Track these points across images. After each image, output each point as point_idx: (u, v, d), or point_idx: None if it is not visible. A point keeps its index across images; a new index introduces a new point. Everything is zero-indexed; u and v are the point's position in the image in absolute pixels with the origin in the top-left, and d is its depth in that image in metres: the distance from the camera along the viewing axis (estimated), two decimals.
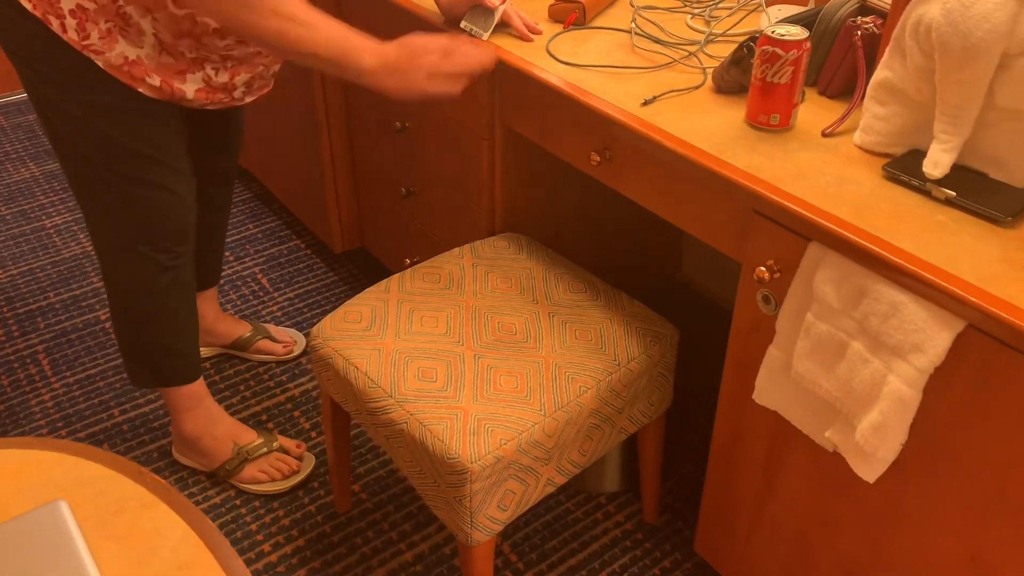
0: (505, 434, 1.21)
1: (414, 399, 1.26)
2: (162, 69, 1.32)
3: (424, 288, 1.46)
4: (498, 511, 1.26)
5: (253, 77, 1.43)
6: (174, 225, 1.48)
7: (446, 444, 1.20)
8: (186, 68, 1.34)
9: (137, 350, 1.59)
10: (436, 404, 1.25)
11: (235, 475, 1.68)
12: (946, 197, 1.03)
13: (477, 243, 1.57)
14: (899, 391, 0.96)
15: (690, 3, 1.59)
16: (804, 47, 1.13)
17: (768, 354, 1.14)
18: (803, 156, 1.14)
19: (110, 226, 1.47)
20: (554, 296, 1.45)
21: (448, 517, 1.26)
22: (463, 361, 1.31)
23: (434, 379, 1.29)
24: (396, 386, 1.28)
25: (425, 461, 1.24)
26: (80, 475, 0.97)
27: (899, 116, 1.10)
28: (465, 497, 1.21)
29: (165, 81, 1.33)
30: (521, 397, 1.26)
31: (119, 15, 1.26)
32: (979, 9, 0.94)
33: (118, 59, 1.29)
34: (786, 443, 1.21)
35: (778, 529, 1.28)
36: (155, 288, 1.52)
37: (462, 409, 1.24)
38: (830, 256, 1.01)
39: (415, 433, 1.23)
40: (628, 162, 1.29)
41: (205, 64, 1.35)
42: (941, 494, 1.02)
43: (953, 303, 0.91)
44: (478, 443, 1.19)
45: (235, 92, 1.43)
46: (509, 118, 1.50)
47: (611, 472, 1.69)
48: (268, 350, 1.99)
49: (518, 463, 1.24)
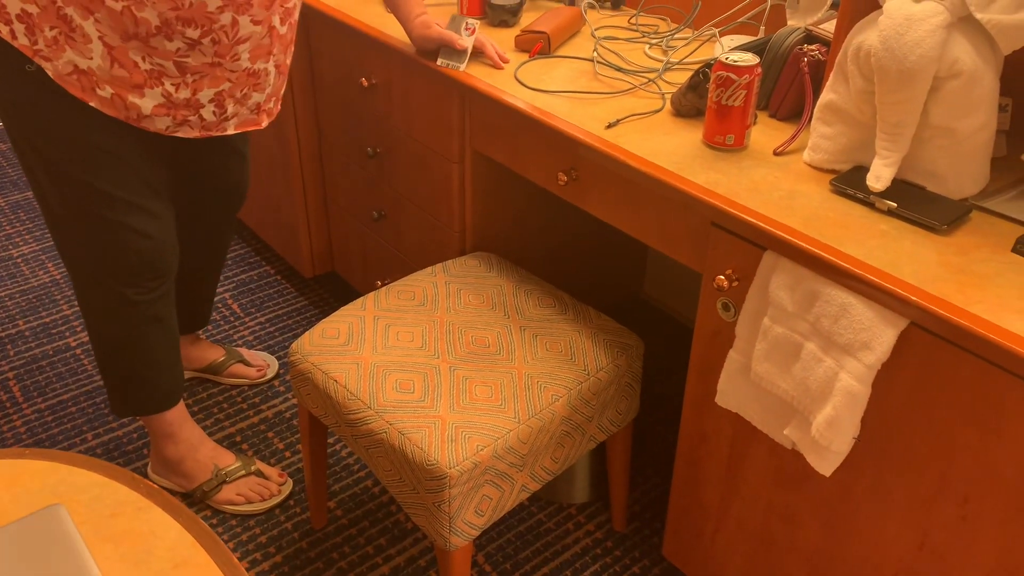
0: (482, 440, 1.26)
1: (393, 409, 1.31)
2: (115, 82, 1.28)
3: (399, 304, 1.51)
4: (475, 516, 1.31)
5: (220, 95, 1.37)
6: (142, 265, 1.46)
7: (425, 451, 1.24)
8: (142, 81, 1.29)
9: (112, 378, 1.60)
10: (414, 414, 1.30)
11: (212, 496, 1.71)
12: (888, 208, 1.12)
13: (449, 262, 1.63)
14: (850, 387, 1.03)
15: (648, 35, 1.68)
16: (755, 72, 1.22)
17: (729, 358, 1.21)
18: (757, 173, 1.22)
19: (76, 257, 1.46)
20: (524, 311, 1.51)
21: (427, 523, 1.30)
22: (439, 373, 1.37)
23: (412, 390, 1.34)
24: (375, 398, 1.33)
25: (405, 469, 1.28)
26: (75, 482, 1.00)
27: (844, 135, 1.19)
28: (444, 502, 1.25)
29: (118, 94, 1.29)
30: (496, 406, 1.31)
31: (61, 19, 1.22)
32: (912, 36, 1.04)
33: (67, 67, 1.26)
34: (747, 443, 1.28)
35: (742, 527, 1.35)
36: (127, 321, 1.51)
37: (440, 418, 1.29)
38: (783, 263, 1.09)
39: (395, 442, 1.28)
40: (594, 181, 1.37)
41: (163, 78, 1.30)
42: (890, 484, 1.10)
43: (896, 303, 0.99)
44: (456, 449, 1.24)
45: (203, 111, 1.37)
46: (478, 142, 1.57)
47: (581, 483, 1.75)
48: (242, 374, 2.02)
49: (494, 468, 1.29)
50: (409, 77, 1.65)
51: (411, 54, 1.59)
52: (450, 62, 1.52)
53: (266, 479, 1.74)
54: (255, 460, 1.76)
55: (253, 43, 1.34)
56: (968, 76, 1.06)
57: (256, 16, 1.30)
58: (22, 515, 0.95)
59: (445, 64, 1.52)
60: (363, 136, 1.87)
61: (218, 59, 1.32)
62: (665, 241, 1.29)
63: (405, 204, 1.82)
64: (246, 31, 1.31)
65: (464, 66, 1.52)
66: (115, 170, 1.38)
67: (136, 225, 1.43)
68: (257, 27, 1.32)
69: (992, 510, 1.00)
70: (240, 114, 1.44)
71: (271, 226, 2.29)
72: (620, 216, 1.35)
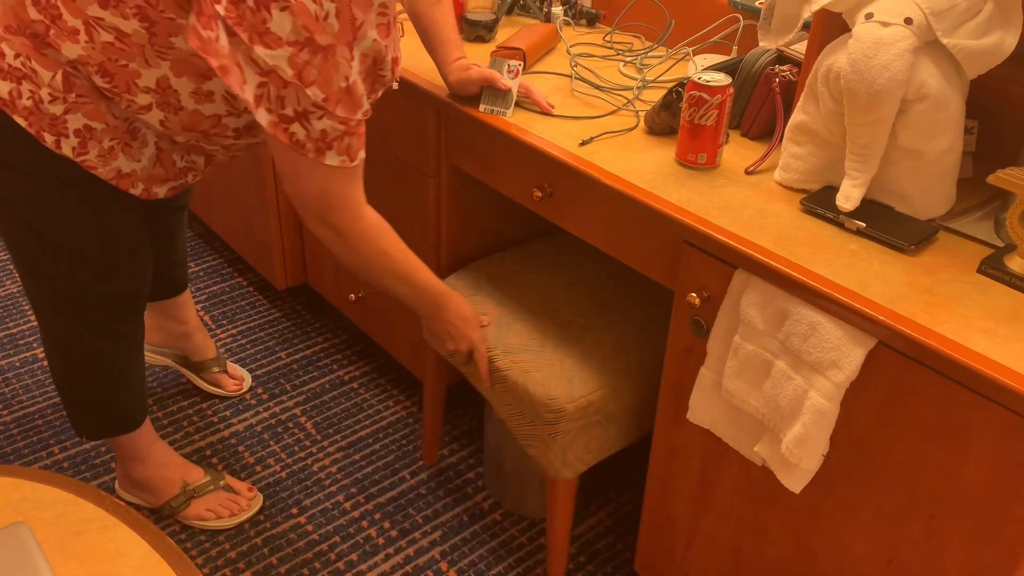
0: (598, 383, 1.40)
1: (517, 350, 1.45)
2: (149, 179, 1.33)
3: (513, 269, 1.65)
4: (584, 452, 1.43)
5: (213, 158, 1.43)
6: (118, 315, 1.46)
7: (545, 387, 1.39)
8: (171, 177, 1.36)
9: (76, 401, 1.55)
10: (537, 355, 1.44)
11: (180, 512, 1.69)
12: (857, 228, 1.13)
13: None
14: (819, 405, 1.04)
15: (622, 52, 1.69)
16: (727, 92, 1.23)
17: (700, 375, 1.22)
18: (728, 191, 1.23)
19: (48, 307, 1.43)
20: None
21: (541, 454, 1.43)
22: (558, 324, 1.50)
23: (534, 336, 1.47)
24: (501, 340, 1.47)
25: (525, 403, 1.41)
26: (39, 499, 0.98)
27: (814, 155, 1.21)
28: (559, 434, 1.39)
29: (147, 189, 1.34)
30: (611, 357, 1.45)
31: (129, 132, 1.26)
32: (880, 59, 1.05)
33: (110, 173, 1.28)
34: (718, 459, 1.28)
35: (713, 543, 1.35)
36: (97, 347, 1.48)
37: (559, 361, 1.43)
38: (754, 282, 1.10)
39: (518, 378, 1.41)
40: (568, 198, 1.37)
41: (188, 174, 1.38)
42: (859, 501, 1.11)
43: (865, 322, 1.00)
44: (573, 388, 1.39)
45: (190, 175, 1.42)
46: (455, 156, 1.58)
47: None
48: (220, 383, 2.00)
49: (606, 411, 1.41)
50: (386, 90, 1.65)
51: (445, 98, 1.50)
52: (495, 108, 1.42)
53: (235, 493, 1.72)
54: (224, 474, 1.75)
55: None
56: (935, 99, 1.08)
57: None
58: None
59: (489, 110, 1.43)
60: None
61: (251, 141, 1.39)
62: (638, 258, 1.30)
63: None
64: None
65: (511, 112, 1.42)
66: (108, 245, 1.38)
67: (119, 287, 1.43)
68: None
69: (958, 527, 1.01)
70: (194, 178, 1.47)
71: (244, 238, 2.28)
72: (594, 232, 1.36)
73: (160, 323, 1.94)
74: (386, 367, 2.12)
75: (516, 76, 1.43)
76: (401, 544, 1.68)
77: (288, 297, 2.36)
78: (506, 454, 1.68)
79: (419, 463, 1.86)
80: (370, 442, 1.91)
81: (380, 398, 2.03)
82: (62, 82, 1.19)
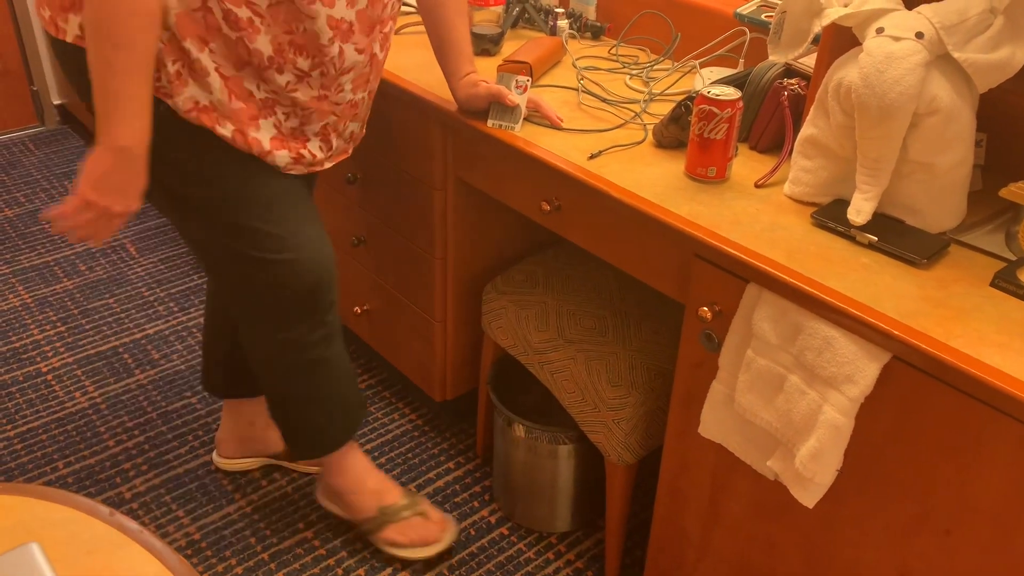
0: (658, 369, 1.47)
1: (579, 340, 1.52)
2: (235, 116, 1.25)
3: (563, 264, 1.69)
4: (646, 437, 1.48)
5: (326, 128, 1.36)
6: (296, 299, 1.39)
7: (611, 375, 1.46)
8: (257, 112, 1.27)
9: (286, 426, 1.56)
10: (599, 344, 1.51)
11: (375, 534, 1.64)
12: (869, 242, 1.13)
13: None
14: (834, 419, 1.04)
15: (628, 65, 1.70)
16: (737, 106, 1.23)
17: (712, 389, 1.22)
18: (739, 205, 1.23)
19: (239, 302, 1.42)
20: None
21: (604, 440, 1.48)
22: (616, 314, 1.56)
23: (594, 326, 1.54)
24: (563, 331, 1.54)
25: (589, 390, 1.47)
26: (49, 518, 0.98)
27: (824, 169, 1.21)
28: (624, 420, 1.44)
29: (239, 131, 1.26)
30: (669, 344, 1.52)
31: (181, 51, 1.20)
32: (892, 74, 1.05)
33: (188, 103, 1.23)
34: (730, 473, 1.28)
35: (723, 556, 1.35)
36: (289, 371, 1.46)
37: (621, 349, 1.50)
38: (767, 296, 1.10)
39: (582, 367, 1.48)
40: (576, 211, 1.37)
41: (276, 107, 1.28)
42: (871, 515, 1.10)
43: (879, 337, 1.00)
44: (636, 376, 1.46)
45: (309, 145, 1.35)
46: (461, 170, 1.57)
47: (563, 512, 1.74)
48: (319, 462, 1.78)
49: (667, 396, 1.47)
50: (390, 103, 1.65)
51: (455, 113, 1.49)
52: (503, 123, 1.42)
53: (430, 521, 1.66)
54: (422, 500, 1.67)
55: (355, 72, 1.32)
56: (946, 113, 1.08)
57: (359, 44, 1.28)
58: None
59: (497, 125, 1.42)
60: (342, 162, 1.86)
61: (324, 92, 1.30)
62: (648, 271, 1.30)
63: (385, 230, 1.82)
64: (350, 61, 1.29)
65: (519, 127, 1.42)
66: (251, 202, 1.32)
67: (286, 256, 1.36)
68: (360, 56, 1.30)
69: (973, 542, 1.00)
70: (338, 147, 1.42)
71: None
72: (602, 246, 1.35)
73: (231, 432, 1.82)
74: (391, 380, 2.12)
75: (524, 91, 1.42)
76: None
77: None
78: (515, 467, 1.68)
79: (425, 477, 1.85)
80: (376, 456, 1.90)
81: (385, 411, 2.02)
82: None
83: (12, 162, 3.06)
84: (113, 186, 1.19)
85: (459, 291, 1.76)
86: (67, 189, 2.89)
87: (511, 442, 1.65)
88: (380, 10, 1.29)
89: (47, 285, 2.41)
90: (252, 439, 1.81)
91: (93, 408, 1.99)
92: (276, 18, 1.19)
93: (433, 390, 1.89)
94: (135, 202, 1.22)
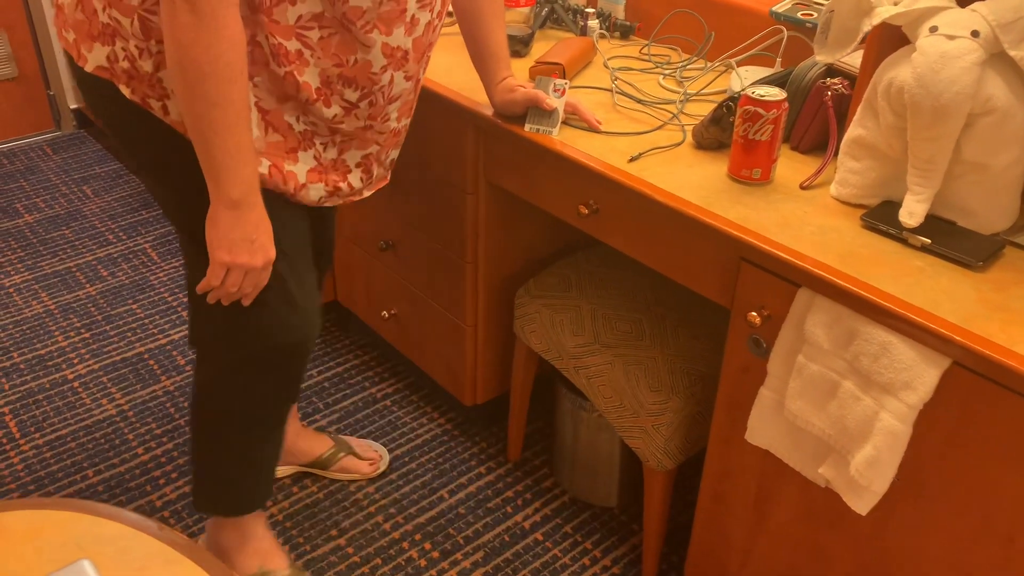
0: (698, 373, 1.46)
1: (616, 344, 1.50)
2: (271, 149, 1.19)
3: (596, 267, 1.68)
4: (685, 442, 1.46)
5: (368, 158, 1.30)
6: (282, 345, 1.31)
7: (650, 380, 1.44)
8: (296, 144, 1.20)
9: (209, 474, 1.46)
10: (636, 349, 1.49)
11: None
12: (921, 244, 1.11)
13: None
14: (891, 427, 1.02)
15: (661, 65, 1.68)
16: (783, 107, 1.22)
17: (760, 395, 1.20)
18: (785, 207, 1.21)
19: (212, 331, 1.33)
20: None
21: (643, 445, 1.47)
22: (652, 318, 1.55)
23: (630, 330, 1.52)
24: (599, 335, 1.51)
25: (627, 395, 1.46)
26: (100, 533, 0.96)
27: (873, 170, 1.19)
28: (663, 426, 1.43)
29: (275, 165, 1.20)
30: (708, 348, 1.50)
31: None
32: (947, 73, 1.03)
33: None
34: (776, 480, 1.26)
35: (769, 562, 1.33)
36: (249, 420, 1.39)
37: (659, 353, 1.48)
38: (820, 301, 1.08)
39: (620, 372, 1.46)
40: (615, 214, 1.35)
41: (314, 138, 1.22)
42: (929, 523, 1.08)
43: (939, 342, 0.98)
44: (676, 380, 1.44)
45: (349, 176, 1.28)
46: (494, 174, 1.56)
47: (611, 487, 1.75)
48: (353, 469, 1.83)
49: (707, 400, 1.46)
50: (423, 107, 1.63)
51: (491, 117, 1.47)
52: (540, 127, 1.38)
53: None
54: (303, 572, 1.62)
55: (402, 100, 1.27)
56: (1002, 113, 1.06)
57: (409, 72, 1.23)
58: (47, 571, 0.91)
59: (534, 129, 1.39)
60: None
61: (370, 122, 1.25)
62: (690, 276, 1.28)
63: (415, 234, 1.80)
64: (399, 89, 1.24)
65: (557, 131, 1.38)
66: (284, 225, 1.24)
67: (282, 297, 1.27)
68: (408, 83, 1.25)
69: None
70: (378, 175, 1.36)
71: None
72: (643, 249, 1.33)
73: None
74: (419, 384, 2.10)
75: (563, 95, 1.40)
76: (444, 566, 1.65)
77: None
78: (580, 444, 1.71)
79: (456, 482, 1.83)
80: (406, 460, 1.89)
81: (414, 415, 2.01)
82: (140, 29, 1.09)
83: (30, 167, 3.05)
84: (241, 242, 1.14)
85: (489, 295, 1.74)
86: (86, 194, 2.88)
87: (576, 421, 1.68)
88: (431, 34, 1.24)
89: (70, 291, 2.40)
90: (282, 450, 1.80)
91: (120, 415, 1.98)
92: (327, 50, 1.14)
93: (463, 394, 1.88)
94: (270, 249, 1.17)
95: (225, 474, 1.46)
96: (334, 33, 1.13)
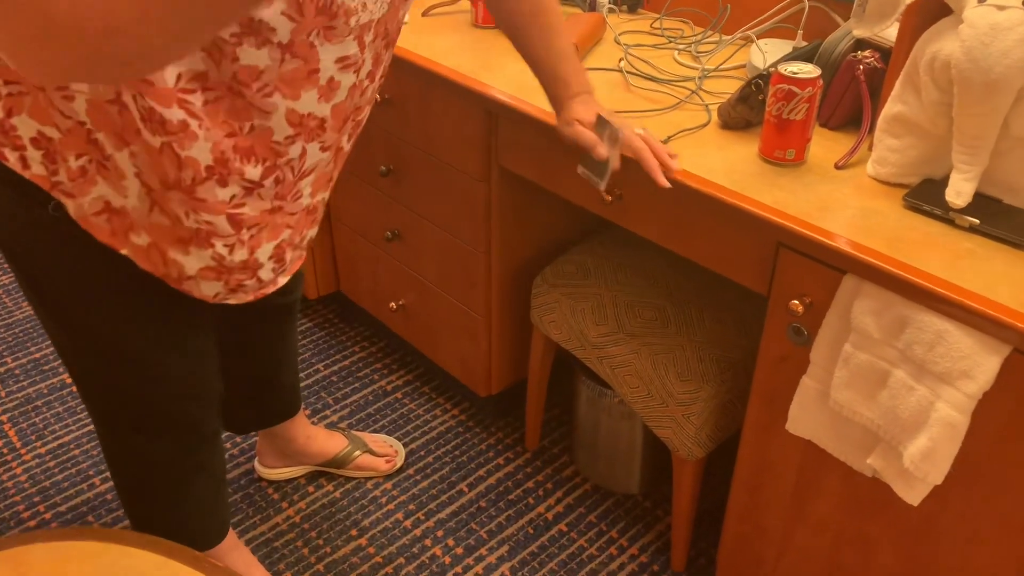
0: (727, 361, 1.42)
1: (642, 333, 1.46)
2: (154, 229, 0.98)
3: (613, 252, 1.63)
4: (716, 430, 1.43)
5: (281, 247, 1.08)
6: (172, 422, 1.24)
7: (679, 369, 1.40)
8: (188, 237, 0.99)
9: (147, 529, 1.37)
10: (662, 337, 1.44)
11: None
12: (970, 225, 1.07)
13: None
14: (949, 417, 0.99)
15: (674, 39, 1.62)
16: (818, 84, 1.16)
17: (802, 385, 1.16)
18: (823, 189, 1.17)
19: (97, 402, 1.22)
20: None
21: (672, 435, 1.43)
22: (676, 304, 1.50)
23: (655, 317, 1.48)
24: (623, 324, 1.47)
25: (655, 385, 1.42)
26: (131, 564, 0.92)
27: (914, 148, 1.14)
28: (694, 415, 1.39)
29: (155, 244, 0.99)
30: (735, 334, 1.45)
31: (91, 143, 0.92)
32: (999, 46, 0.99)
33: (95, 204, 0.96)
34: (817, 470, 1.22)
35: (808, 553, 1.30)
36: (162, 478, 1.30)
37: (687, 341, 1.44)
38: (868, 288, 1.04)
39: (647, 362, 1.42)
40: (640, 201, 1.30)
41: (213, 239, 1.00)
42: (983, 512, 1.05)
43: (998, 329, 0.94)
44: (706, 368, 1.40)
45: (261, 272, 1.08)
46: (507, 160, 1.50)
47: (632, 474, 1.72)
48: (369, 466, 1.78)
49: (737, 388, 1.42)
50: (427, 91, 1.57)
51: (434, 71, 1.50)
52: (590, 175, 1.21)
53: None
54: None
55: (317, 173, 1.05)
56: None
57: (327, 142, 1.01)
58: None
59: (584, 175, 1.23)
60: (374, 153, 1.78)
61: (278, 202, 1.02)
62: (723, 263, 1.23)
63: (423, 224, 1.74)
64: (312, 161, 1.01)
65: (604, 184, 1.19)
66: (147, 322, 1.12)
67: (168, 373, 1.18)
68: (325, 153, 1.03)
69: None
70: (292, 258, 1.14)
71: None
72: (671, 236, 1.29)
73: (269, 447, 1.74)
74: (429, 375, 2.05)
75: (616, 143, 1.18)
76: (468, 562, 1.62)
77: (319, 306, 2.29)
78: (601, 432, 1.68)
79: (475, 475, 1.79)
80: (422, 455, 1.84)
81: (426, 407, 1.96)
82: None
83: None
84: None
85: (503, 284, 1.69)
86: None
87: (597, 409, 1.65)
88: (358, 97, 1.00)
89: None
90: (295, 453, 1.75)
91: None
92: (215, 118, 0.89)
93: (477, 385, 1.83)
94: None
95: (162, 526, 1.37)
96: (221, 97, 0.89)
